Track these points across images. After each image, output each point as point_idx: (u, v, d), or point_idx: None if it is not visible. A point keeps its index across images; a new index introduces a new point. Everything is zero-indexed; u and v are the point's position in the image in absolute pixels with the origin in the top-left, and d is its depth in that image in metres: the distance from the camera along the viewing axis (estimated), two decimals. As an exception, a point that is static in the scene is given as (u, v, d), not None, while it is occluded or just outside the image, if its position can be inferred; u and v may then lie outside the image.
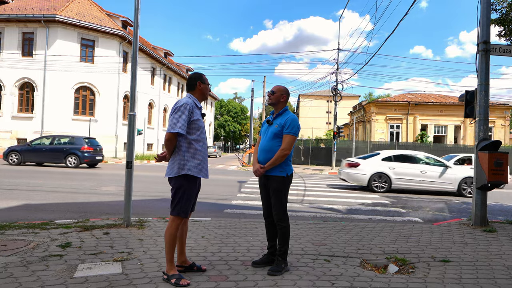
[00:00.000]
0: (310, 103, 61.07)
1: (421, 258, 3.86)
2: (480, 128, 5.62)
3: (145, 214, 6.05)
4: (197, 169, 3.02)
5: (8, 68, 23.42)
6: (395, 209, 7.93)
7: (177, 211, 2.98)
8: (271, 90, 3.46)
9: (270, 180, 3.31)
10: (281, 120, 3.35)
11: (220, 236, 4.47)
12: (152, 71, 31.58)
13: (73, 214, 5.95)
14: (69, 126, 23.71)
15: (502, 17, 6.91)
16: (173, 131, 2.92)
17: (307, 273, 3.25)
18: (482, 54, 5.65)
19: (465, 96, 5.97)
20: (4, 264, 3.20)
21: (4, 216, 5.60)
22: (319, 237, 4.66)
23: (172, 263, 2.95)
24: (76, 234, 4.27)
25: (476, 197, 5.60)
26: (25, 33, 23.92)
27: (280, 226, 3.29)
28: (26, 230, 4.37)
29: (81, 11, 25.22)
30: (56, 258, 3.38)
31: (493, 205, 8.92)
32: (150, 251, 3.72)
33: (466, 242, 4.62)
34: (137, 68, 5.16)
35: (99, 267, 3.18)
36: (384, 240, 4.62)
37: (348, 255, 3.86)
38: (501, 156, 5.34)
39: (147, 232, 4.52)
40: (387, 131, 30.61)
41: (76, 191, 8.79)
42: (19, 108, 24.07)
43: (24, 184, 9.43)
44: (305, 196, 9.48)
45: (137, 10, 5.13)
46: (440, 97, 32.85)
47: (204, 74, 3.26)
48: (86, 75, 24.26)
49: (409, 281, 3.14)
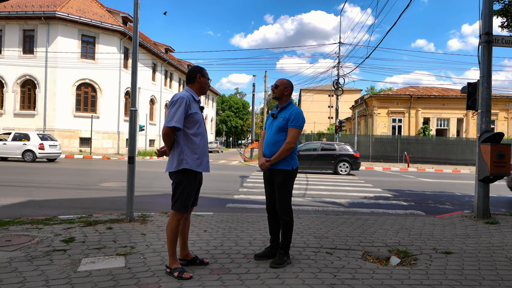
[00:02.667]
0: (311, 98, 60.92)
1: (423, 250, 3.87)
2: (482, 120, 5.59)
3: (147, 209, 6.07)
4: (196, 163, 3.01)
5: (9, 66, 23.45)
6: (398, 202, 7.93)
7: (177, 206, 2.99)
8: (275, 84, 3.45)
9: (275, 174, 3.31)
10: (286, 113, 3.35)
11: (222, 230, 4.48)
12: (153, 67, 31.55)
13: (76, 210, 5.98)
14: (71, 123, 23.79)
15: (505, 8, 6.85)
16: (170, 125, 2.91)
17: (309, 265, 3.26)
18: (484, 45, 5.60)
19: (467, 88, 5.94)
20: (9, 259, 3.23)
21: (8, 212, 5.65)
22: (321, 230, 4.67)
23: (175, 257, 2.97)
24: (80, 229, 4.29)
25: (479, 189, 5.59)
26: (25, 30, 23.91)
27: (284, 220, 3.29)
28: (29, 226, 4.40)
29: (81, 7, 25.17)
30: (60, 253, 3.41)
31: (496, 197, 8.91)
32: (152, 245, 3.75)
33: (468, 234, 4.62)
34: (137, 64, 5.16)
35: (102, 261, 3.20)
36: (386, 233, 4.63)
37: (350, 248, 3.88)
38: (503, 148, 5.32)
39: (150, 226, 4.54)
40: (389, 125, 30.53)
41: (79, 187, 8.84)
42: (21, 106, 24.14)
43: (27, 181, 9.48)
44: (307, 190, 9.49)
45: (137, 5, 5.12)
46: (443, 90, 32.68)
47: (206, 69, 3.25)
48: (87, 72, 24.27)
49: (411, 272, 3.14)
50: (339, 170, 15.04)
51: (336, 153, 15.33)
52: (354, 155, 15.28)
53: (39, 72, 23.40)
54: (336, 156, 15.23)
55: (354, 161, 15.18)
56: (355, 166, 15.20)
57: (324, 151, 15.63)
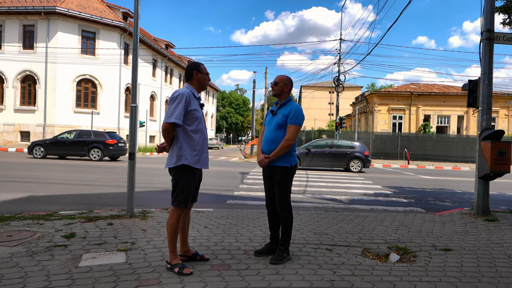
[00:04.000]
0: (312, 94, 60.84)
1: (423, 247, 3.88)
2: (483, 117, 5.59)
3: (148, 205, 6.09)
4: (194, 160, 3.01)
5: (9, 61, 23.41)
6: (397, 199, 7.95)
7: (177, 201, 3.00)
8: (274, 81, 3.43)
9: (274, 171, 3.32)
10: (285, 110, 3.34)
11: (223, 226, 4.50)
12: (153, 63, 31.48)
13: (77, 206, 6.00)
14: (71, 119, 23.78)
15: (507, 5, 6.83)
16: (169, 121, 2.92)
17: (309, 262, 3.27)
18: (485, 42, 5.59)
19: (468, 85, 5.93)
20: (10, 254, 3.24)
21: (9, 207, 5.66)
22: (321, 227, 4.68)
23: (175, 253, 2.98)
24: (80, 225, 4.31)
25: (478, 186, 5.59)
26: (25, 25, 23.84)
27: (283, 216, 3.30)
28: (31, 221, 4.42)
29: (82, 2, 25.06)
30: (61, 248, 3.43)
31: (496, 195, 8.92)
32: (153, 241, 3.76)
33: (468, 231, 4.63)
34: (138, 60, 5.15)
35: (103, 257, 3.22)
36: (385, 229, 4.64)
37: (350, 245, 3.89)
38: (504, 146, 5.32)
39: (150, 222, 4.56)
40: (390, 122, 30.48)
41: (79, 183, 8.85)
42: (22, 101, 24.12)
43: (29, 177, 9.50)
44: (307, 187, 9.50)
45: (137, 1, 5.10)
46: (443, 87, 32.60)
47: (205, 65, 3.23)
48: (87, 68, 24.23)
49: (410, 269, 3.16)
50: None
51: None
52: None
53: (39, 68, 23.36)
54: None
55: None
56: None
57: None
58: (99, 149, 15.82)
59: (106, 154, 16.00)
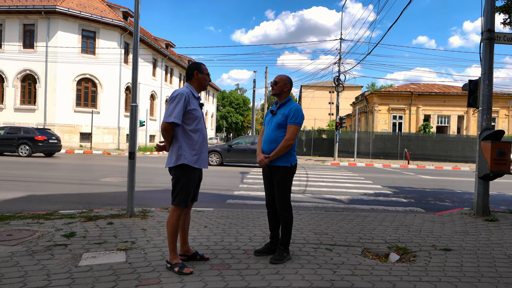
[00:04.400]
0: (312, 94, 60.79)
1: (422, 247, 3.89)
2: (483, 117, 5.59)
3: (148, 204, 6.08)
4: (193, 159, 3.02)
5: (9, 60, 23.40)
6: (397, 199, 7.95)
7: (177, 201, 3.01)
8: (274, 81, 3.43)
9: (274, 171, 3.32)
10: (285, 110, 3.34)
11: (223, 226, 4.50)
12: (153, 62, 31.46)
13: (77, 205, 6.00)
14: (72, 118, 23.78)
15: (507, 4, 6.82)
16: (168, 121, 2.93)
17: (309, 261, 3.28)
18: (486, 42, 5.58)
19: (468, 85, 5.93)
20: (10, 253, 3.24)
21: (9, 207, 5.66)
22: (321, 226, 4.68)
23: (175, 252, 2.98)
24: (80, 224, 4.31)
25: (478, 186, 5.59)
26: (25, 24, 23.82)
27: (283, 216, 3.30)
28: (31, 221, 4.42)
29: (82, 2, 25.05)
30: (61, 248, 3.43)
31: (496, 195, 8.92)
32: (153, 240, 3.76)
33: (468, 231, 4.63)
34: (138, 59, 5.15)
35: (103, 256, 3.22)
36: (385, 229, 4.64)
37: (349, 244, 3.89)
38: (504, 146, 5.32)
39: (150, 222, 4.56)
40: (390, 122, 30.48)
41: (80, 182, 8.85)
42: (22, 100, 24.12)
43: (28, 176, 9.50)
44: (307, 187, 9.50)
45: (138, 0, 5.10)
46: (444, 87, 32.59)
47: (206, 65, 3.23)
48: (87, 67, 24.22)
49: (410, 269, 3.16)
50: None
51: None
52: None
53: (40, 67, 23.35)
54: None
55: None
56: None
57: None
58: (27, 145, 15.91)
59: (35, 150, 16.03)
